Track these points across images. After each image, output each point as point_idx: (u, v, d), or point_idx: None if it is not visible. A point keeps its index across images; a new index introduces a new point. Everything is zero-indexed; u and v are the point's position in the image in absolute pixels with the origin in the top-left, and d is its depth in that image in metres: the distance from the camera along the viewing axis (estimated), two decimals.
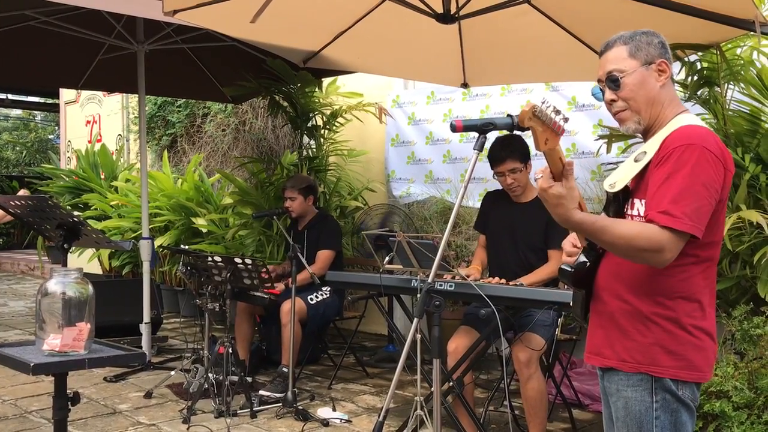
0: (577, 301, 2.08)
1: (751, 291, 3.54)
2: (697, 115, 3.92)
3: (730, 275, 3.61)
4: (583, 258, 1.99)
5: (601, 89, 2.03)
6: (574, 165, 1.82)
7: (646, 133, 2.01)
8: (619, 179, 1.93)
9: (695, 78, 3.81)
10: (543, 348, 3.50)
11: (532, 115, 1.71)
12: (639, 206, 1.91)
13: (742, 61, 3.72)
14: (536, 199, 3.76)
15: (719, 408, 3.06)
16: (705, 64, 3.79)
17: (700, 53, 3.76)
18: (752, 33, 3.31)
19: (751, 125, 3.73)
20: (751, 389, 3.12)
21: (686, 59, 3.80)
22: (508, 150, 3.63)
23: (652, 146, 1.91)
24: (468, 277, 3.40)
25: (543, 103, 1.72)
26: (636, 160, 1.93)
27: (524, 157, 3.67)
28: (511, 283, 3.45)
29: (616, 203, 1.96)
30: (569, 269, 1.99)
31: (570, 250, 2.05)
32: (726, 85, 3.75)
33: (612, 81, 1.97)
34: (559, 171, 1.80)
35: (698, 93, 3.84)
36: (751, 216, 3.27)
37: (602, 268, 1.98)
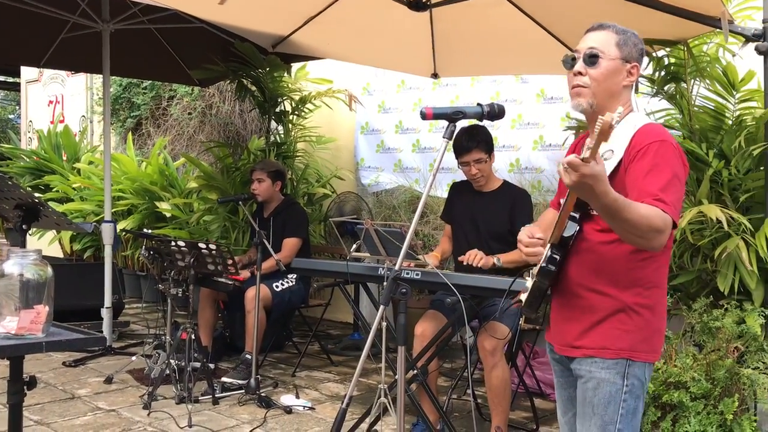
0: (535, 294, 2.08)
1: (711, 284, 3.60)
2: (663, 110, 4.00)
3: (691, 269, 3.66)
4: (553, 255, 2.00)
5: (571, 60, 2.04)
6: None
7: (592, 119, 2.02)
8: None
9: (662, 73, 3.86)
10: (508, 337, 3.52)
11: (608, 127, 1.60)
12: None
13: (708, 58, 3.76)
14: (499, 188, 3.83)
15: (677, 398, 3.12)
16: (672, 60, 3.83)
17: (668, 49, 3.80)
18: (719, 30, 3.35)
19: (715, 121, 3.78)
20: (708, 380, 3.19)
21: (654, 54, 3.84)
22: (474, 141, 3.69)
23: (617, 144, 1.94)
24: (426, 265, 3.39)
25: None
26: (604, 159, 1.94)
27: (489, 147, 3.74)
28: (483, 260, 3.49)
29: (584, 201, 1.96)
30: (553, 268, 1.99)
31: (528, 241, 2.04)
32: (692, 81, 3.79)
33: (591, 56, 2.00)
34: None
35: (665, 88, 3.88)
36: (711, 211, 3.31)
37: (575, 264, 2.02)
